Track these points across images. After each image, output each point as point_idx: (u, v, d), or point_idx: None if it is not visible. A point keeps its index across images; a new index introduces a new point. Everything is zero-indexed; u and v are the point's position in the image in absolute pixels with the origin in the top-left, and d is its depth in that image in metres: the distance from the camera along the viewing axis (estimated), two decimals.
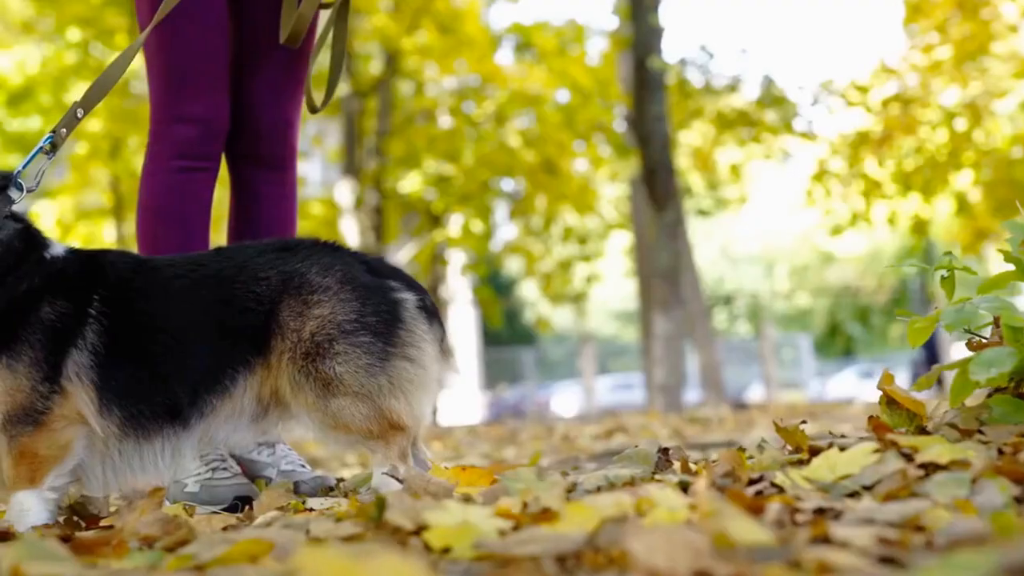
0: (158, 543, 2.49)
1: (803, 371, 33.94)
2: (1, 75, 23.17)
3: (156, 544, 2.46)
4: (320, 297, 3.24)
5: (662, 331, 17.64)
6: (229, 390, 3.22)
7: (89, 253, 3.25)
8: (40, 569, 1.80)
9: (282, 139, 4.09)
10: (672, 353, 17.70)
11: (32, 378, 2.96)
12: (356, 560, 1.37)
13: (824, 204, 22.65)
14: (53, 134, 3.40)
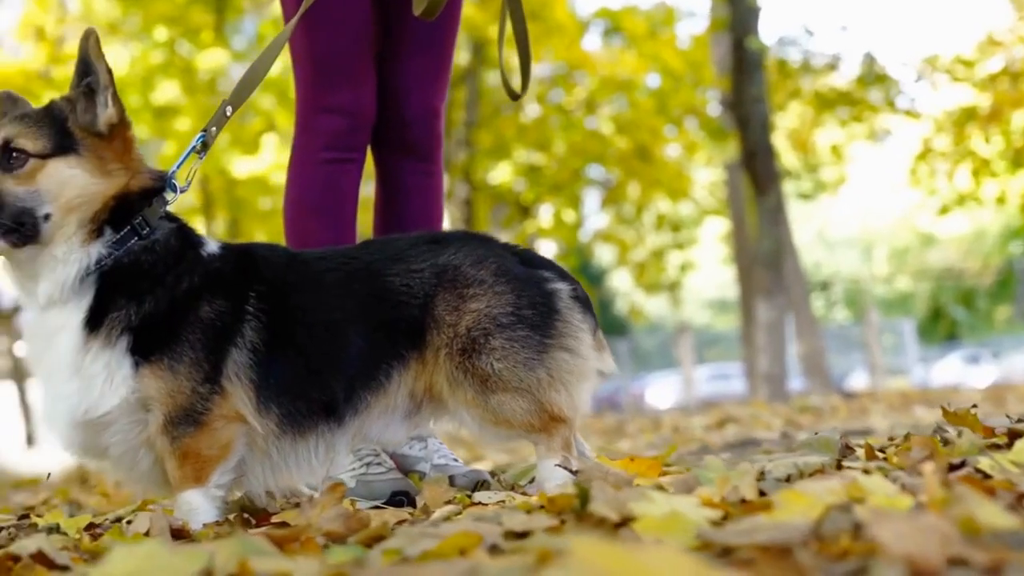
0: (351, 538, 2.53)
1: (906, 357, 33.42)
2: None
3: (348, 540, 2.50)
4: (475, 290, 3.26)
5: (765, 318, 17.48)
6: (383, 386, 3.24)
7: (242, 248, 3.29)
8: (266, 565, 1.84)
9: (429, 128, 4.12)
10: (776, 341, 17.54)
11: (193, 379, 3.00)
12: (629, 551, 1.38)
13: (928, 184, 22.32)
14: (204, 133, 3.45)
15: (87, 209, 3.03)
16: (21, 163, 2.99)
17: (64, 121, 3.07)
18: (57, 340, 3.02)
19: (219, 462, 3.07)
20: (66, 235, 3.01)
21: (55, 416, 3.05)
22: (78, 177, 3.03)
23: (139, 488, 3.26)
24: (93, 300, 3.01)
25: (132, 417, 3.03)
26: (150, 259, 3.06)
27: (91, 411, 2.99)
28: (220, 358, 3.04)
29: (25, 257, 3.00)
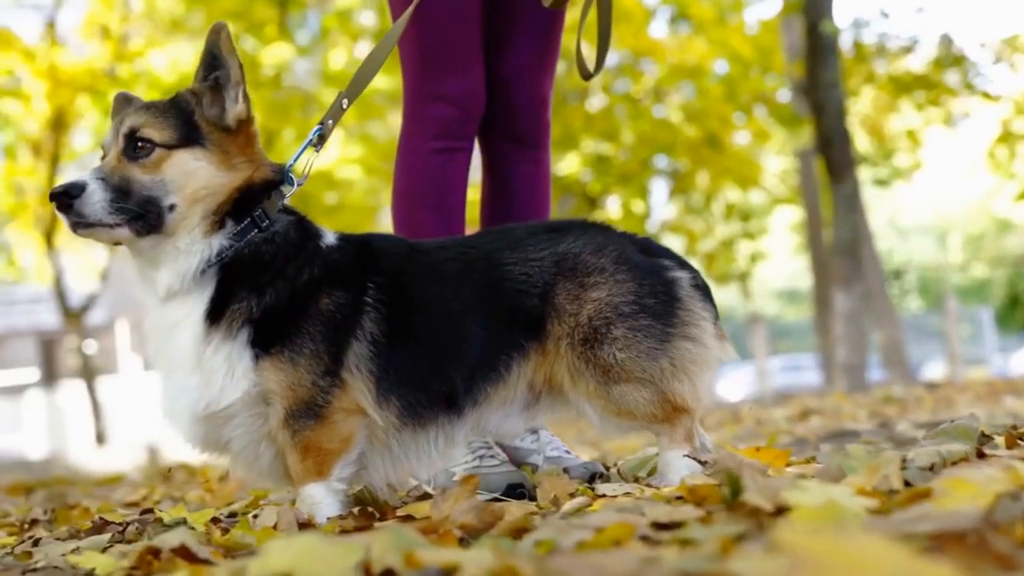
0: (492, 530, 2.52)
1: (984, 346, 32.99)
2: (155, 74, 23.76)
3: (489, 532, 2.49)
4: (596, 279, 3.24)
5: (843, 308, 17.30)
6: (503, 377, 3.23)
7: (360, 239, 3.29)
8: (433, 556, 1.83)
9: (537, 116, 4.11)
10: (854, 331, 17.36)
11: (313, 372, 3.00)
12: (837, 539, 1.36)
13: (1007, 168, 22.00)
14: (321, 126, 3.46)
15: (211, 201, 3.05)
16: (147, 152, 3.02)
17: (191, 114, 3.10)
18: (178, 333, 3.04)
19: (340, 455, 3.07)
20: (189, 226, 3.03)
21: (176, 410, 3.07)
22: (203, 169, 3.05)
23: (261, 482, 3.28)
24: (214, 292, 3.03)
25: (253, 410, 3.04)
26: (270, 251, 3.07)
27: (212, 405, 3.01)
28: (340, 350, 3.04)
29: (148, 246, 3.03)
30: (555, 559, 1.62)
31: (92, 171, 2.99)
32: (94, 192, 2.93)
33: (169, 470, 4.11)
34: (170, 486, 7.34)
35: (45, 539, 3.18)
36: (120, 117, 3.10)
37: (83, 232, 2.96)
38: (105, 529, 3.24)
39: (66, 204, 2.91)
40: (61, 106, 24.02)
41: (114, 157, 3.03)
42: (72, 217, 2.92)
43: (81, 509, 4.29)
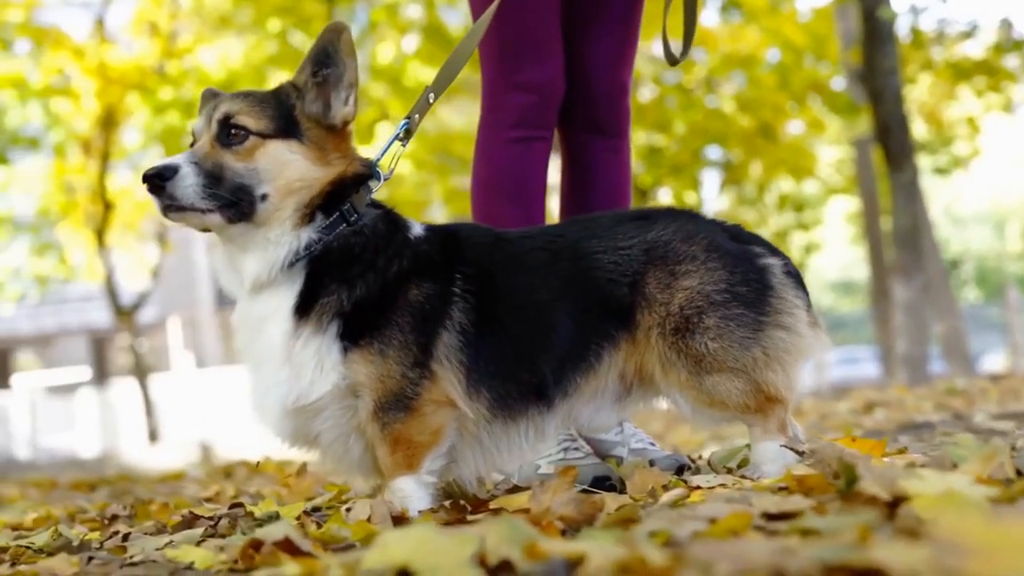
0: (596, 522, 2.50)
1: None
2: (204, 70, 23.90)
3: (593, 524, 2.47)
4: (687, 267, 3.21)
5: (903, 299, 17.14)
6: (593, 367, 3.21)
7: (446, 229, 3.29)
8: (557, 547, 1.81)
9: (617, 104, 4.09)
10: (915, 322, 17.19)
11: (402, 363, 2.99)
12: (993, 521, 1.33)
13: None
14: (408, 120, 3.46)
15: (304, 194, 3.05)
16: (241, 139, 3.02)
17: (291, 107, 3.11)
18: (267, 328, 3.04)
19: (430, 448, 3.06)
20: (281, 217, 3.03)
21: (265, 404, 3.07)
22: (298, 162, 3.06)
23: (351, 477, 3.27)
24: (303, 286, 3.03)
25: (342, 403, 3.03)
26: (359, 243, 3.07)
27: (302, 398, 3.01)
28: (429, 341, 3.03)
29: (237, 234, 3.02)
30: (694, 548, 1.60)
31: (185, 154, 2.98)
32: (187, 175, 2.92)
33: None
34: (234, 481, 7.38)
35: (133, 534, 3.19)
36: (213, 103, 3.10)
37: (174, 216, 2.95)
38: (195, 523, 3.25)
39: (158, 186, 2.90)
40: (111, 104, 24.21)
41: (207, 142, 3.03)
42: (164, 200, 2.91)
43: (160, 504, 4.31)
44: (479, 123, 3.99)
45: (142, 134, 25.09)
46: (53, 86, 23.99)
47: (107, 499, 6.52)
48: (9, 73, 23.51)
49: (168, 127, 23.91)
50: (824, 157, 29.01)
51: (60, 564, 2.60)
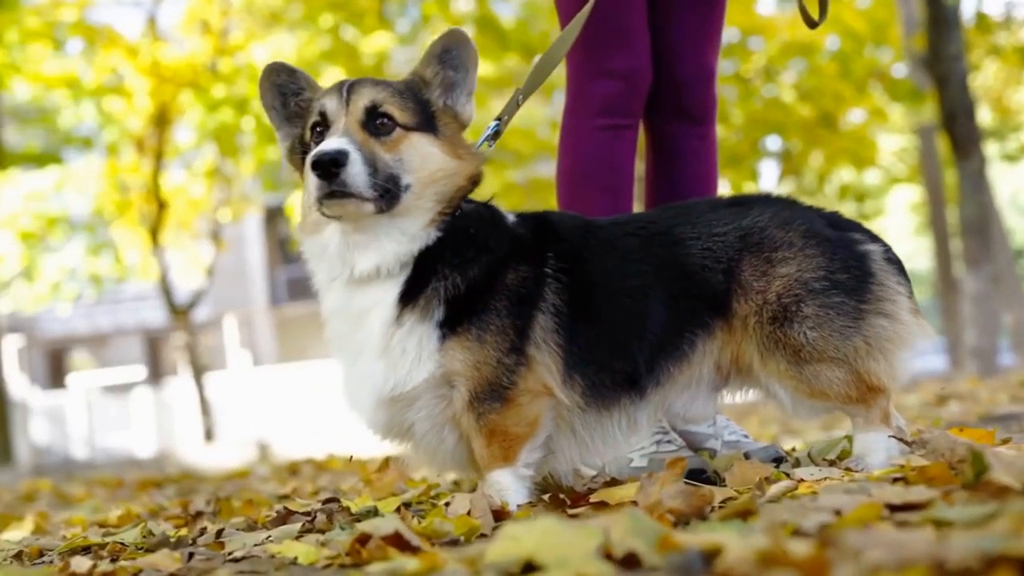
0: (707, 514, 2.47)
1: None
2: (256, 67, 23.98)
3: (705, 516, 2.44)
4: (784, 254, 3.17)
5: (972, 290, 16.94)
6: (687, 356, 3.18)
7: (537, 215, 3.27)
8: (693, 538, 1.79)
9: (704, 90, 4.05)
10: (984, 313, 16.98)
11: (499, 348, 2.98)
12: None
13: None
14: (498, 122, 3.44)
15: (444, 187, 3.04)
16: (388, 130, 3.01)
17: (427, 101, 3.11)
18: (368, 318, 3.02)
19: (527, 439, 3.04)
20: (420, 210, 3.02)
21: (360, 395, 3.06)
22: (437, 156, 3.05)
23: (444, 470, 3.25)
24: (411, 275, 3.01)
25: (437, 392, 3.02)
26: (466, 233, 3.06)
27: (398, 387, 2.99)
28: (526, 324, 3.01)
29: (370, 224, 2.99)
30: (845, 537, 1.56)
31: (346, 139, 2.92)
32: (356, 162, 2.89)
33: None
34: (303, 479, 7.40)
35: (226, 530, 3.19)
36: (355, 89, 3.05)
37: (334, 202, 2.90)
38: (289, 519, 3.24)
39: (333, 172, 2.86)
40: (164, 102, 24.35)
41: (354, 128, 2.99)
42: (333, 185, 2.87)
43: (244, 501, 4.32)
44: (564, 111, 3.96)
45: (195, 132, 25.22)
46: (106, 85, 24.13)
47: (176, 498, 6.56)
48: (62, 73, 23.68)
49: (221, 124, 24.04)
50: (886, 146, 28.73)
51: (163, 560, 2.60)
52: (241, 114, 24.09)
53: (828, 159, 26.28)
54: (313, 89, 3.18)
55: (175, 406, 29.09)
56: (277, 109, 3.21)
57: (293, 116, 3.20)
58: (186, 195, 26.12)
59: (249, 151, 25.32)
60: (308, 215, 3.08)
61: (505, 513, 2.86)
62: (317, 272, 3.13)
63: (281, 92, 3.20)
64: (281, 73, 3.19)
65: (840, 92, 24.09)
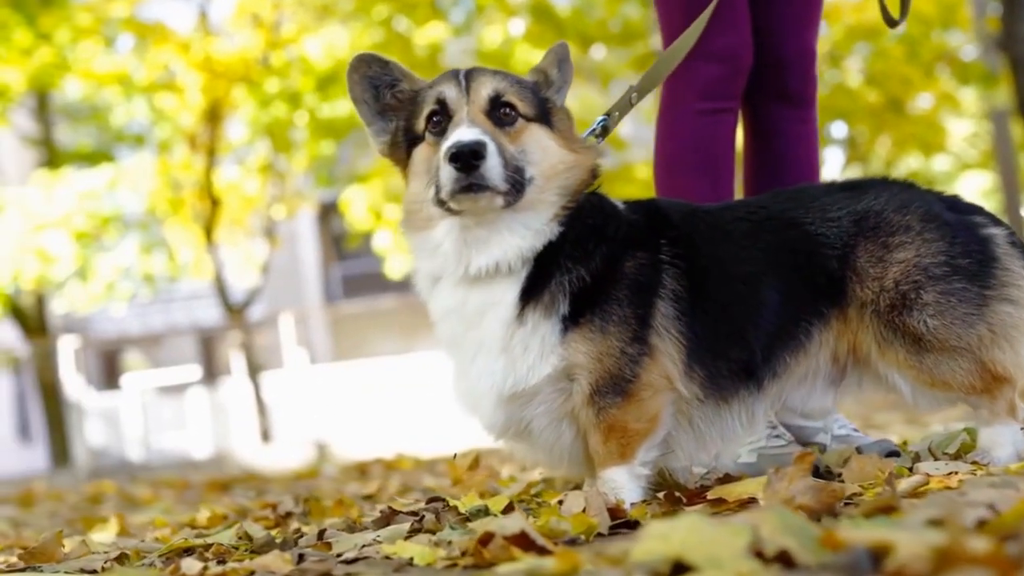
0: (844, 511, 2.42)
1: None
2: (309, 61, 24.05)
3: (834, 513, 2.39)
4: (902, 239, 3.11)
5: None
6: (803, 346, 3.13)
7: (644, 202, 3.24)
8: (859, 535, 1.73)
9: (805, 71, 4.00)
10: None
11: (622, 339, 2.94)
12: None
13: None
14: (607, 117, 3.40)
15: (568, 180, 3.01)
16: (511, 120, 2.98)
17: (544, 98, 3.09)
18: (488, 317, 2.98)
19: (646, 436, 3.00)
20: (545, 203, 2.98)
21: (479, 394, 3.03)
22: (555, 148, 3.02)
23: (560, 467, 3.20)
24: (532, 271, 2.97)
25: (557, 386, 2.98)
26: (583, 224, 3.02)
27: (519, 383, 2.96)
28: (648, 312, 2.97)
29: (493, 219, 2.94)
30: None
31: (479, 130, 2.88)
32: (493, 154, 2.85)
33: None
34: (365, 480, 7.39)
35: (328, 531, 3.16)
36: (475, 77, 3.02)
37: (468, 195, 2.85)
38: (393, 519, 3.21)
39: (473, 165, 2.81)
40: (216, 98, 24.44)
41: (480, 118, 2.95)
42: (472, 178, 2.82)
43: (334, 502, 4.30)
44: (662, 95, 3.91)
45: (248, 128, 25.31)
46: (158, 82, 24.27)
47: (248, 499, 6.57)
48: (113, 70, 23.85)
49: (274, 119, 24.12)
50: (956, 131, 28.42)
51: (274, 561, 2.58)
52: (294, 108, 24.17)
53: (896, 145, 26.00)
54: (411, 80, 3.14)
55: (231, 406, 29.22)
56: (369, 103, 3.16)
57: (388, 109, 3.16)
58: (239, 192, 26.19)
59: (302, 146, 25.39)
60: (419, 210, 3.03)
61: (621, 511, 2.81)
62: (424, 269, 3.09)
63: (373, 84, 3.15)
64: (372, 64, 3.15)
65: (908, 76, 23.80)
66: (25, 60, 21.99)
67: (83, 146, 26.75)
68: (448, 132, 2.92)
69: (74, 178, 24.01)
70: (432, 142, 2.99)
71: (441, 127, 2.97)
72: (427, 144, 3.01)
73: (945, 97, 25.10)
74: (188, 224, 25.51)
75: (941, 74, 24.40)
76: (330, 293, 38.15)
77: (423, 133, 3.02)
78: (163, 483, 11.04)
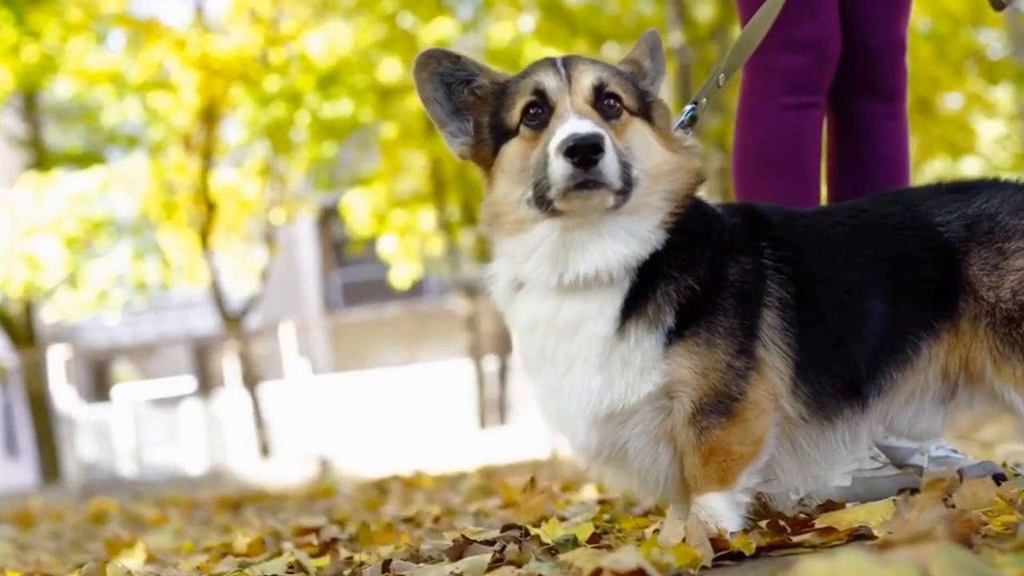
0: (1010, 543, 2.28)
1: None
2: (310, 58, 23.93)
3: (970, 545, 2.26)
4: (1019, 244, 2.99)
5: None
6: (911, 361, 3.00)
7: (739, 205, 3.15)
8: None
9: (895, 63, 3.88)
10: None
11: (728, 352, 2.82)
12: None
13: None
14: (695, 106, 3.28)
15: (674, 183, 2.88)
16: (617, 113, 2.86)
17: (644, 91, 2.97)
18: (584, 330, 2.85)
19: (749, 461, 2.88)
20: (651, 208, 2.85)
21: (571, 414, 2.90)
22: (658, 147, 2.90)
23: (655, 492, 3.05)
24: (635, 281, 2.84)
25: (656, 404, 2.86)
26: (686, 228, 2.89)
27: (616, 402, 2.84)
28: (754, 322, 2.86)
29: (594, 222, 2.81)
30: None
31: (592, 123, 2.74)
32: (610, 148, 2.72)
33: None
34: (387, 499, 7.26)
35: (396, 562, 3.02)
36: (575, 65, 2.89)
37: (585, 193, 2.72)
38: (467, 550, 3.07)
39: (592, 159, 2.68)
40: (213, 97, 24.33)
41: (588, 111, 2.81)
42: (589, 174, 2.69)
43: (383, 526, 4.16)
44: (742, 88, 3.78)
45: (245, 128, 25.21)
46: (151, 80, 24.17)
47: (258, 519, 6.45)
48: (105, 68, 23.76)
49: (274, 120, 24.01)
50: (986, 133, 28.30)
51: None
52: (294, 108, 24.06)
53: (923, 148, 25.88)
54: (489, 74, 3.00)
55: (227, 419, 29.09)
56: (441, 102, 3.00)
57: (463, 107, 3.00)
58: (236, 195, 26.08)
59: (302, 148, 25.29)
60: (510, 211, 2.88)
61: (723, 542, 2.69)
62: (506, 276, 2.94)
63: (445, 82, 2.99)
64: (443, 60, 2.99)
65: (936, 76, 23.71)
66: (12, 58, 21.88)
67: (73, 147, 26.59)
68: (552, 125, 2.79)
69: (64, 181, 23.89)
70: (530, 136, 2.84)
71: (541, 120, 2.83)
72: (522, 139, 2.86)
73: (974, 98, 25.01)
74: (183, 229, 25.41)
75: (970, 73, 24.32)
76: (331, 301, 38.02)
77: (516, 127, 2.88)
78: (167, 501, 10.91)
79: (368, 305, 36.74)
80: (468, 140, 3.00)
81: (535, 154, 2.80)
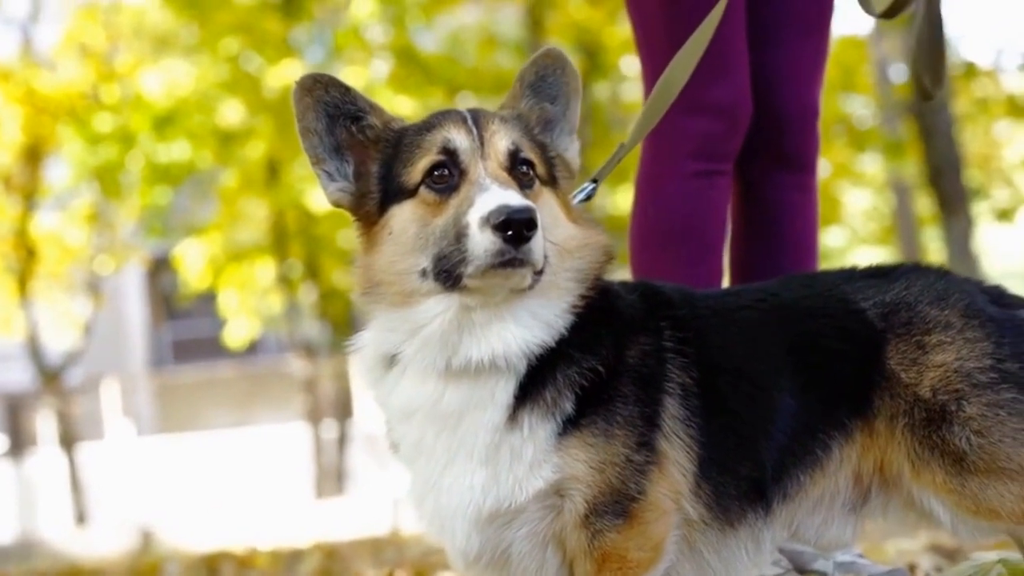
0: None
1: None
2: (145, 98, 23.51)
3: None
4: (940, 338, 2.89)
5: None
6: (821, 463, 2.90)
7: (638, 283, 3.04)
8: None
9: (808, 131, 3.83)
10: None
11: (628, 444, 2.68)
12: None
13: None
14: (595, 183, 3.16)
15: (583, 262, 2.76)
16: (530, 182, 2.73)
17: (552, 155, 2.83)
18: (470, 419, 2.69)
19: (647, 569, 2.73)
20: (559, 290, 2.71)
21: (450, 514, 2.73)
22: (564, 221, 2.77)
23: None
24: (532, 367, 2.67)
25: (544, 503, 2.71)
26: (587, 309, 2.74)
27: (502, 500, 2.68)
28: (655, 411, 2.73)
29: (496, 304, 2.66)
30: None
31: (517, 194, 2.59)
32: (539, 225, 2.55)
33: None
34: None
35: None
36: (487, 124, 2.72)
37: (508, 271, 2.56)
38: None
39: (526, 237, 2.52)
40: (38, 135, 23.88)
41: (506, 179, 2.65)
42: (517, 253, 2.53)
43: None
44: (643, 155, 3.67)
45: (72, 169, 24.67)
46: None
47: None
48: None
49: (105, 161, 23.53)
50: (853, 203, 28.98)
51: None
52: (126, 150, 23.61)
53: None
54: (380, 114, 2.81)
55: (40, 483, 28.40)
56: (322, 135, 2.79)
57: (346, 146, 2.81)
58: (59, 241, 25.60)
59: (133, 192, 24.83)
60: (397, 281, 2.70)
61: None
62: (377, 351, 2.76)
63: (329, 113, 2.78)
64: (331, 89, 2.78)
65: None
66: None
67: None
68: (467, 192, 2.62)
69: None
70: (433, 201, 2.67)
71: (449, 185, 2.66)
72: (422, 202, 2.68)
73: (841, 167, 25.57)
74: None
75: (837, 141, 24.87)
76: (159, 358, 37.39)
77: (415, 187, 2.69)
78: None
79: (199, 363, 36.17)
80: (347, 187, 2.82)
81: (439, 222, 2.64)
